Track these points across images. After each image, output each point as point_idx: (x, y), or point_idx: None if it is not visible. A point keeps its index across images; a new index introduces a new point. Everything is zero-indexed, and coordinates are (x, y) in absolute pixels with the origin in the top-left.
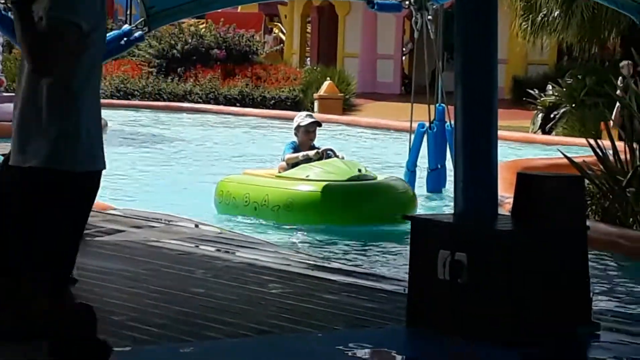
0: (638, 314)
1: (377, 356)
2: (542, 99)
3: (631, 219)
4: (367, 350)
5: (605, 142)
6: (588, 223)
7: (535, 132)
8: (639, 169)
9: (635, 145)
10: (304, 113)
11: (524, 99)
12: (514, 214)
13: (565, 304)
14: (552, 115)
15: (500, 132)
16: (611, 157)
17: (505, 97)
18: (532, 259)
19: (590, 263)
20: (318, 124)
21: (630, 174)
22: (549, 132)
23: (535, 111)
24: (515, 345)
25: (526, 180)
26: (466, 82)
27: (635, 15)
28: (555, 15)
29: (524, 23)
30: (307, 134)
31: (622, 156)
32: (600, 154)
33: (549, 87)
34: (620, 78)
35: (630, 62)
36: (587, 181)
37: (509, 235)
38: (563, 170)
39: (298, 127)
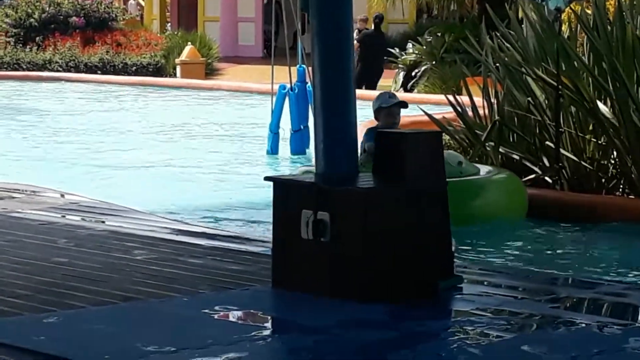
0: (500, 266)
1: (243, 317)
2: (402, 57)
3: None
4: (232, 312)
5: (465, 99)
6: None
7: (397, 91)
8: (497, 123)
9: (493, 100)
10: (386, 93)
11: (385, 58)
12: (375, 171)
13: (427, 258)
14: (413, 74)
15: (362, 92)
16: (470, 113)
17: None
18: (393, 215)
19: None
20: (403, 104)
21: (489, 129)
22: (410, 90)
23: (397, 70)
24: (379, 301)
25: (385, 137)
26: (322, 42)
27: None
28: None
29: None
30: (389, 117)
31: (481, 111)
32: (459, 109)
33: (409, 45)
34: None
35: (365, 16)
36: (447, 137)
37: (368, 192)
38: (425, 127)
39: (379, 110)
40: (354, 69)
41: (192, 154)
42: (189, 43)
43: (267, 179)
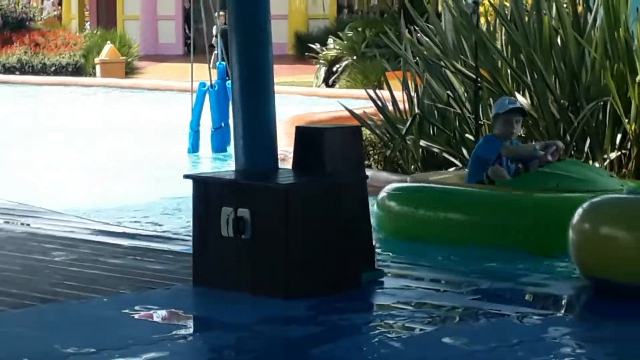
0: (422, 259)
1: (164, 317)
2: (324, 53)
3: (412, 166)
4: (153, 312)
5: (386, 93)
6: (370, 172)
7: (319, 86)
8: (418, 116)
9: (413, 94)
10: (505, 98)
11: (307, 53)
12: (295, 167)
13: (348, 252)
14: (334, 69)
15: (284, 88)
16: (391, 107)
17: (288, 53)
18: (313, 210)
19: (374, 210)
20: (523, 112)
21: (409, 122)
22: (332, 85)
23: (318, 65)
24: (302, 296)
25: (305, 132)
26: (239, 38)
27: None
28: None
29: None
30: (507, 125)
31: (402, 105)
32: (379, 104)
33: (330, 41)
34: (214, 28)
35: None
36: (368, 131)
37: (288, 188)
38: (347, 122)
39: (496, 117)
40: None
41: (112, 154)
42: (109, 42)
43: (186, 176)
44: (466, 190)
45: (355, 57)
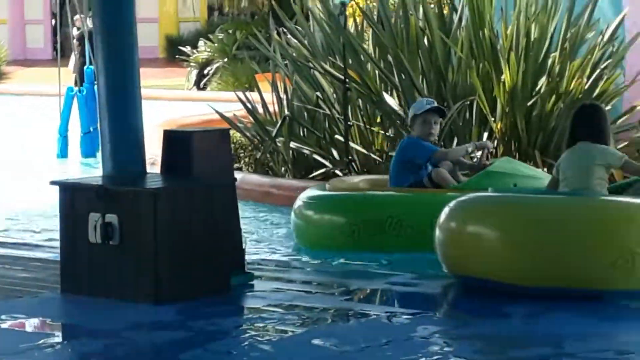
0: (292, 261)
1: (31, 326)
2: (194, 55)
3: (283, 168)
4: (20, 321)
5: (256, 95)
6: (241, 175)
7: (190, 89)
8: (287, 118)
9: (282, 95)
10: (424, 99)
11: (177, 56)
12: (163, 171)
13: (217, 256)
14: (205, 71)
15: (155, 91)
16: (261, 109)
17: (159, 56)
18: (183, 213)
19: (245, 214)
20: (441, 112)
21: (279, 124)
22: (204, 88)
23: (189, 68)
24: (171, 301)
25: (172, 136)
26: (105, 42)
27: None
28: None
29: None
30: (425, 125)
31: (272, 107)
32: (249, 106)
33: (201, 43)
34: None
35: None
36: (239, 134)
37: (157, 192)
38: (217, 125)
39: (414, 118)
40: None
41: None
42: None
43: (53, 183)
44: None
45: (226, 60)
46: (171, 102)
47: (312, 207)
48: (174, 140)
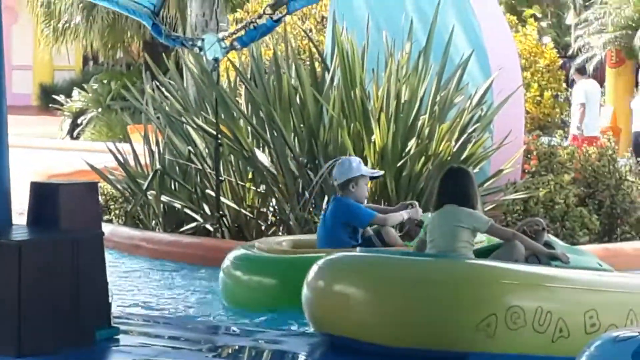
0: (157, 315)
1: None
2: (68, 104)
3: (153, 222)
4: None
5: (129, 147)
6: (111, 227)
7: (63, 138)
8: (158, 172)
9: (154, 148)
10: (352, 159)
11: (51, 105)
12: (29, 223)
13: (82, 309)
14: (79, 121)
15: (28, 140)
16: (132, 162)
17: (33, 104)
18: (48, 265)
19: (113, 267)
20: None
21: (150, 177)
22: (77, 138)
23: (63, 117)
24: (35, 354)
25: (39, 188)
26: None
27: (147, 21)
28: (77, 21)
29: (45, 29)
30: (365, 188)
31: (144, 160)
32: (120, 158)
33: (76, 92)
34: None
35: None
36: (110, 186)
37: (21, 244)
38: (89, 176)
39: (359, 178)
40: None
41: None
42: None
43: None
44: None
45: (100, 110)
46: (43, 151)
47: (240, 267)
48: (40, 192)
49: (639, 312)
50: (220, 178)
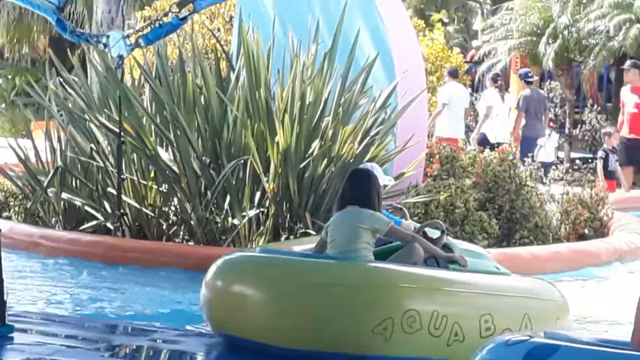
0: (53, 314)
1: None
2: None
3: (53, 219)
4: None
5: (30, 143)
6: (10, 224)
7: None
8: (60, 169)
9: (56, 145)
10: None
11: None
12: None
13: None
14: None
15: None
16: (33, 158)
17: None
18: None
19: (9, 264)
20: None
21: (51, 174)
22: None
23: None
24: None
25: None
26: None
27: (51, 16)
28: None
29: None
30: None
31: (45, 157)
32: (21, 154)
33: None
34: None
35: None
36: (9, 183)
37: None
38: None
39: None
40: None
41: None
42: None
43: None
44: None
45: (4, 105)
46: None
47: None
48: None
49: (533, 316)
50: (122, 176)
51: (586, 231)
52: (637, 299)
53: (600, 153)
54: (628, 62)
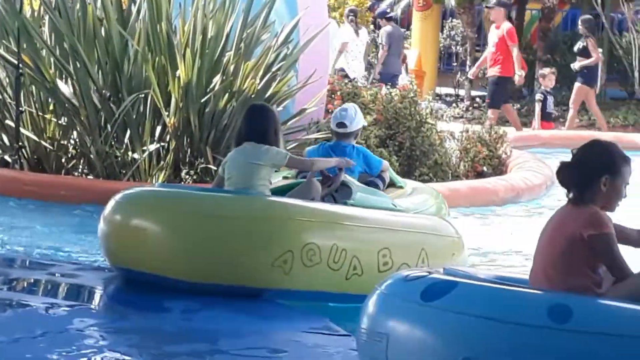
0: None
1: None
2: None
3: None
4: None
5: None
6: None
7: None
8: None
9: None
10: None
11: None
12: None
13: None
14: None
15: None
16: None
17: None
18: None
19: None
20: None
21: None
22: None
23: None
24: None
25: None
26: None
27: None
28: None
29: None
30: None
31: None
32: None
33: None
34: None
35: None
36: None
37: None
38: None
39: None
40: None
41: None
42: None
43: None
44: None
45: None
46: None
47: None
48: None
49: (430, 252)
50: (21, 109)
51: (485, 169)
52: (534, 235)
53: (538, 95)
54: (493, 0)
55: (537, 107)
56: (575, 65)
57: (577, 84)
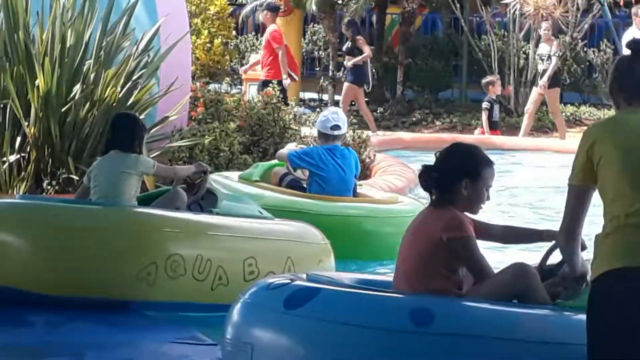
0: None
1: None
2: None
3: None
4: None
5: None
6: None
7: None
8: None
9: None
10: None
11: None
12: None
13: None
14: None
15: None
16: None
17: None
18: None
19: None
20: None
21: None
22: None
23: None
24: None
25: None
26: None
27: None
28: None
29: None
30: None
31: None
32: None
33: None
34: None
35: None
36: None
37: None
38: None
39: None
40: None
41: None
42: None
43: None
44: None
45: None
46: None
47: None
48: None
49: (296, 259)
50: None
51: None
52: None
53: (484, 104)
54: (269, 3)
55: (484, 115)
56: (348, 63)
57: (346, 84)
